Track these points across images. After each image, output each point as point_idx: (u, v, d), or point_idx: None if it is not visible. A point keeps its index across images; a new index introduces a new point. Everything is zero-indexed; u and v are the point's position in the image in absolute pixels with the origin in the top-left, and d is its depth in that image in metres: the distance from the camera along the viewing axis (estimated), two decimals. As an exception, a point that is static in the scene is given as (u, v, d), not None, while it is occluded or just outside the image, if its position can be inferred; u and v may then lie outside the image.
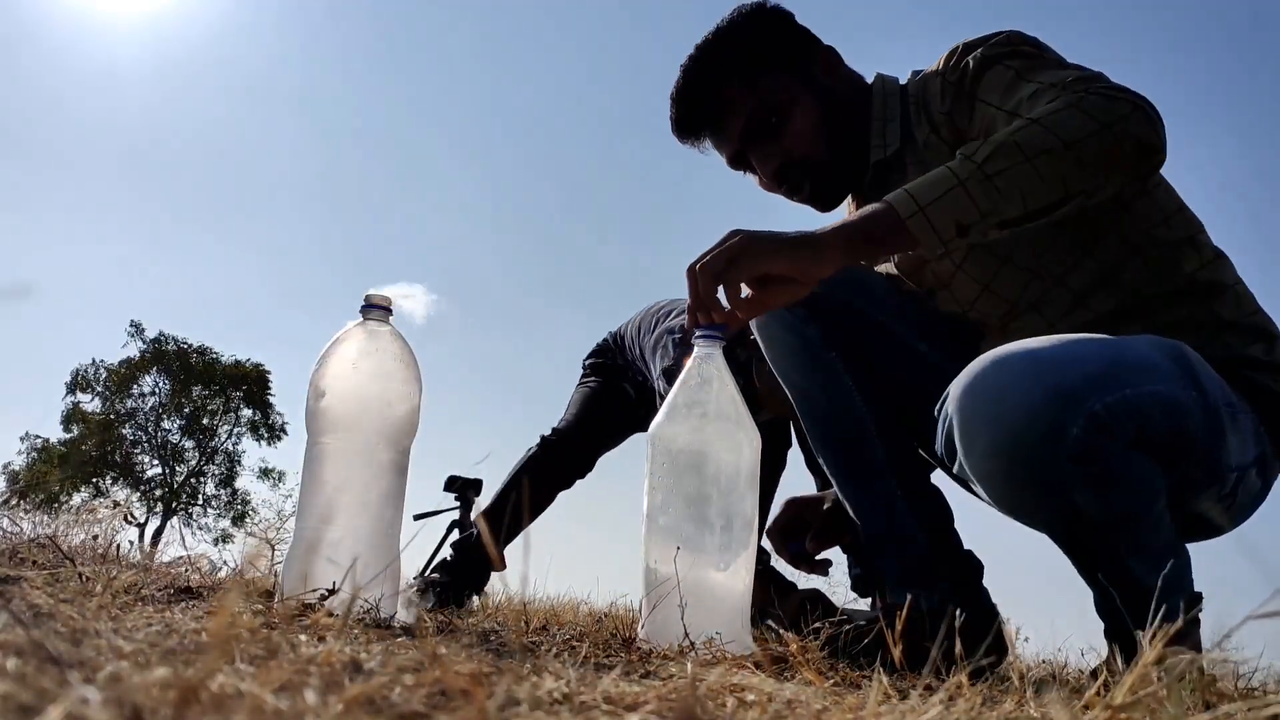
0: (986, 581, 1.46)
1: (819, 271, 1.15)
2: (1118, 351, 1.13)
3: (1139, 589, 1.11)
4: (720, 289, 1.15)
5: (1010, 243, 1.38)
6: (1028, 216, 1.16)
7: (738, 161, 1.54)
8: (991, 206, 1.13)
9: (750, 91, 1.48)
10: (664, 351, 2.33)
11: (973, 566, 1.45)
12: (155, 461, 23.78)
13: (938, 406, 1.22)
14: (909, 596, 1.24)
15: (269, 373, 24.49)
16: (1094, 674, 1.13)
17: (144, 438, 23.80)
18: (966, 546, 1.47)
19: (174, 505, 23.33)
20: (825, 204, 1.54)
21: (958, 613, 0.97)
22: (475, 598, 2.37)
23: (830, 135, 1.48)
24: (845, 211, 1.61)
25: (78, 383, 23.58)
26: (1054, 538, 1.18)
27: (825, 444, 1.49)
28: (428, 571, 2.40)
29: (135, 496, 22.75)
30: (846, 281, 1.47)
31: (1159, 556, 1.13)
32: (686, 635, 1.02)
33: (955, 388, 1.16)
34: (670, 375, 2.20)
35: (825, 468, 1.51)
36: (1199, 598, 1.17)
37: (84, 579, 1.00)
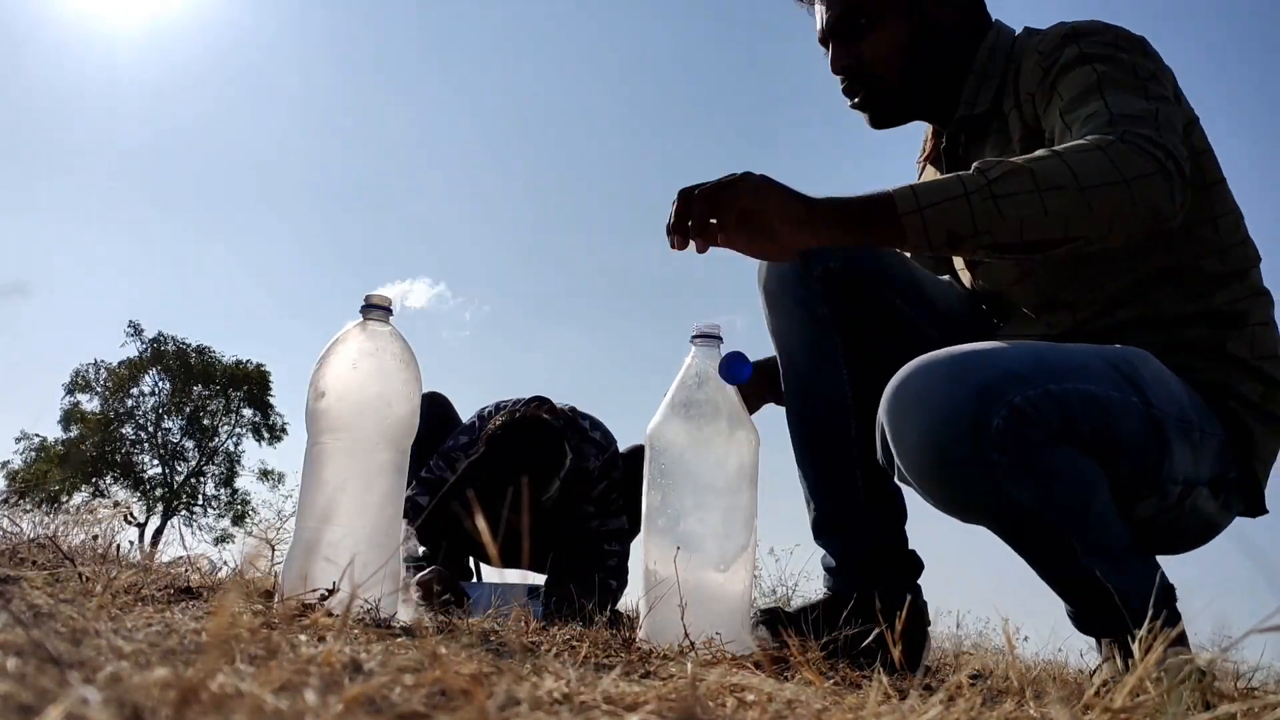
0: (989, 581, 1.48)
1: (802, 241, 1.15)
2: (1044, 354, 1.16)
3: (1100, 588, 1.10)
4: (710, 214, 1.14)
5: None
6: (1022, 247, 1.14)
7: (823, 42, 1.52)
8: (987, 226, 1.12)
9: None
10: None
11: (913, 566, 1.48)
12: (155, 461, 23.78)
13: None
14: (862, 590, 1.27)
15: (269, 373, 24.49)
16: (1092, 676, 1.13)
17: (144, 438, 23.79)
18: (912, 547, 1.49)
19: (174, 505, 23.32)
20: (876, 122, 1.51)
21: (895, 610, 0.98)
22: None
23: (909, 64, 1.45)
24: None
25: (77, 383, 23.56)
26: (1006, 538, 1.18)
27: (803, 421, 1.49)
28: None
29: (135, 496, 22.74)
30: (868, 257, 1.45)
31: (1118, 556, 1.13)
32: (686, 635, 1.02)
33: (885, 392, 1.17)
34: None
35: (794, 441, 1.51)
36: (1172, 591, 1.16)
37: (84, 579, 1.00)
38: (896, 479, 1.23)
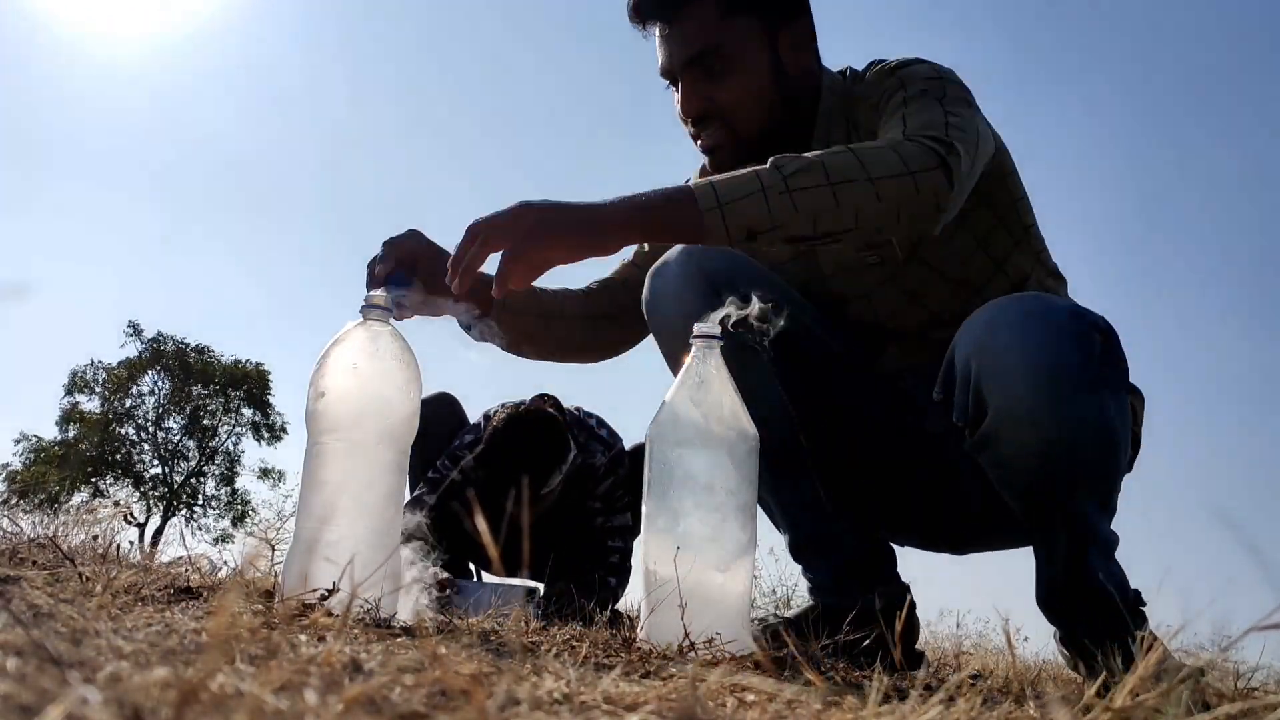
0: (989, 581, 1.50)
1: (600, 254, 1.16)
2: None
3: (1100, 539, 1.21)
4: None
5: (941, 255, 1.43)
6: (816, 238, 1.17)
7: (668, 76, 1.46)
8: (784, 220, 1.14)
9: (714, 24, 1.40)
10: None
11: (890, 554, 1.49)
12: (155, 461, 23.75)
13: (937, 386, 1.28)
14: (858, 599, 1.29)
15: (269, 372, 24.46)
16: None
17: (144, 438, 23.77)
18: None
19: (174, 505, 23.30)
20: (721, 167, 1.46)
21: (897, 612, 1.00)
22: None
23: (763, 110, 1.43)
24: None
25: (76, 384, 23.53)
26: (1072, 473, 1.20)
27: None
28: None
29: (135, 496, 22.72)
30: (764, 284, 1.41)
31: (1111, 533, 1.24)
32: (686, 635, 1.02)
33: (966, 343, 1.23)
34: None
35: None
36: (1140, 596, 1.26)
37: (84, 579, 1.00)
38: (978, 434, 1.24)
